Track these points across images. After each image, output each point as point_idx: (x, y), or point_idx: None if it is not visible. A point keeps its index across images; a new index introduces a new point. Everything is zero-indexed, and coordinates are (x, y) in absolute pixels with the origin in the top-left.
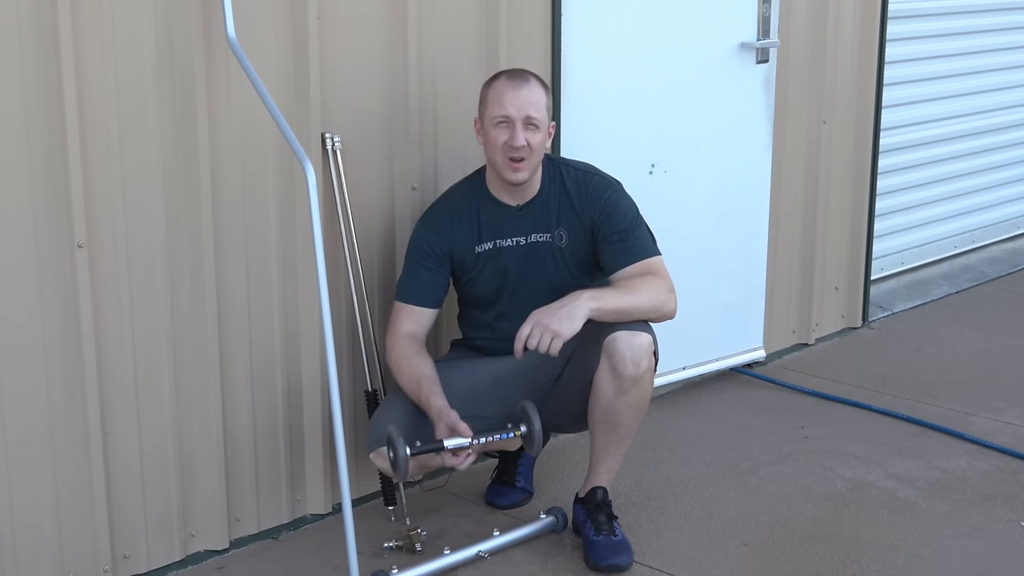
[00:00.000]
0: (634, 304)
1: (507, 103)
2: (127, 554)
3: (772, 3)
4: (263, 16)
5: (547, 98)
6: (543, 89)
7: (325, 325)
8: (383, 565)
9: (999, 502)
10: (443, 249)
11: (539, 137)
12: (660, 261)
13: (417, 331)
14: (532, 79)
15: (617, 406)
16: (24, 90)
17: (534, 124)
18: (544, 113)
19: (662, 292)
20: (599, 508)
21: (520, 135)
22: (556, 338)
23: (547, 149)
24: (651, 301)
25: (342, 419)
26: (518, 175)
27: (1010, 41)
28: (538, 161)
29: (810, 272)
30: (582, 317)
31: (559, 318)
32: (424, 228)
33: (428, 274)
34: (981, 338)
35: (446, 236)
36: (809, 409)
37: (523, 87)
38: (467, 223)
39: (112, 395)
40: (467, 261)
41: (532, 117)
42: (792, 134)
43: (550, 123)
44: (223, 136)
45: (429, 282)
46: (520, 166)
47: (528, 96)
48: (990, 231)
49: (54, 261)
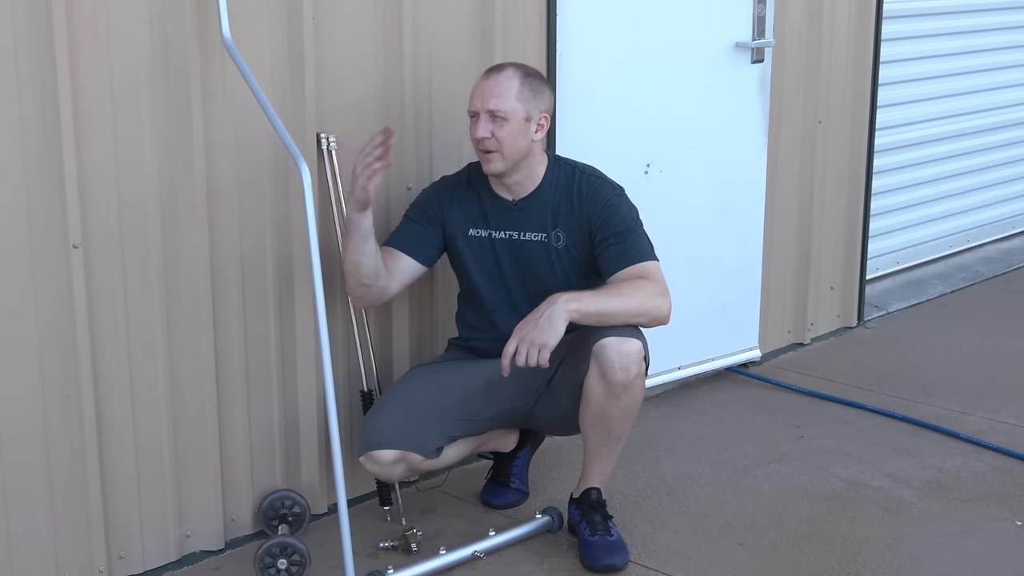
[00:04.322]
0: (619, 307)
1: (475, 96)
2: (122, 554)
3: (767, 3)
4: (258, 16)
5: (526, 88)
6: (520, 79)
7: (320, 324)
8: (379, 565)
9: (994, 501)
10: (438, 213)
11: (507, 129)
12: (656, 266)
13: (390, 266)
14: (508, 69)
15: (608, 411)
16: (19, 90)
17: (499, 116)
18: (513, 104)
19: (652, 295)
20: (594, 508)
21: (480, 127)
22: (543, 349)
23: (533, 140)
24: (639, 304)
25: (338, 419)
26: (489, 166)
27: (1005, 41)
28: (516, 153)
29: (805, 272)
30: (563, 321)
31: (540, 328)
32: (426, 192)
33: (418, 228)
34: (976, 337)
35: (444, 204)
36: (805, 409)
37: (491, 78)
38: (467, 203)
39: (107, 396)
40: (459, 239)
41: (494, 110)
42: (787, 134)
43: (539, 114)
44: (218, 136)
45: (416, 234)
46: (490, 158)
47: (494, 87)
48: (985, 230)
49: (49, 261)
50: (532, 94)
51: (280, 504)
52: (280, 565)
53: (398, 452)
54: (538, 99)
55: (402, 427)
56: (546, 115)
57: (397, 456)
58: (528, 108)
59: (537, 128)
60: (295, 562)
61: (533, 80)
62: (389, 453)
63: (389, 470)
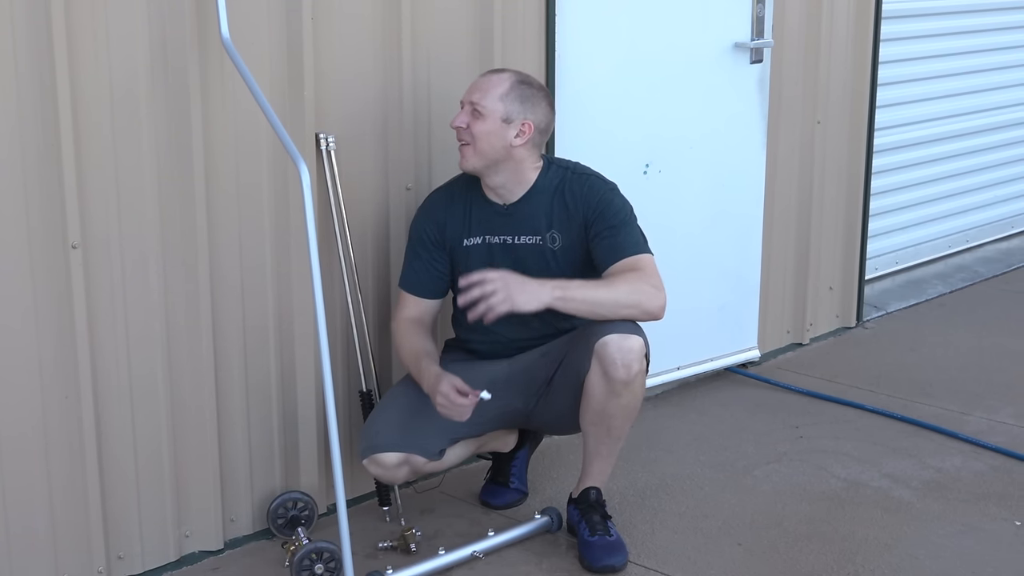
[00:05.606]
0: (608, 297)
1: (468, 88)
2: (121, 555)
3: (766, 3)
4: (257, 16)
5: (514, 92)
6: (511, 83)
7: (320, 325)
8: (378, 565)
9: (993, 501)
10: (438, 237)
11: (482, 126)
12: (650, 259)
13: (421, 317)
14: (505, 72)
15: (609, 409)
16: (18, 90)
17: (478, 111)
18: (494, 102)
19: (644, 288)
20: (593, 508)
21: (459, 117)
22: (505, 304)
23: (512, 145)
24: (629, 296)
25: (337, 419)
26: (462, 161)
27: (1004, 41)
28: (489, 151)
29: (804, 272)
30: (542, 302)
31: (523, 291)
32: (421, 215)
33: (426, 265)
34: (975, 337)
35: (440, 224)
36: (804, 409)
37: (486, 75)
38: (460, 214)
39: (106, 396)
40: (457, 252)
41: (475, 103)
42: (786, 134)
43: (522, 121)
44: (217, 136)
45: (427, 273)
46: (463, 151)
47: (484, 83)
48: (984, 231)
49: (48, 262)
50: (520, 100)
51: (292, 504)
52: (317, 570)
53: (402, 455)
54: (525, 106)
55: (405, 430)
56: (531, 124)
57: (401, 459)
58: (509, 110)
59: (518, 133)
60: (331, 569)
61: (527, 88)
62: (393, 456)
63: (393, 473)
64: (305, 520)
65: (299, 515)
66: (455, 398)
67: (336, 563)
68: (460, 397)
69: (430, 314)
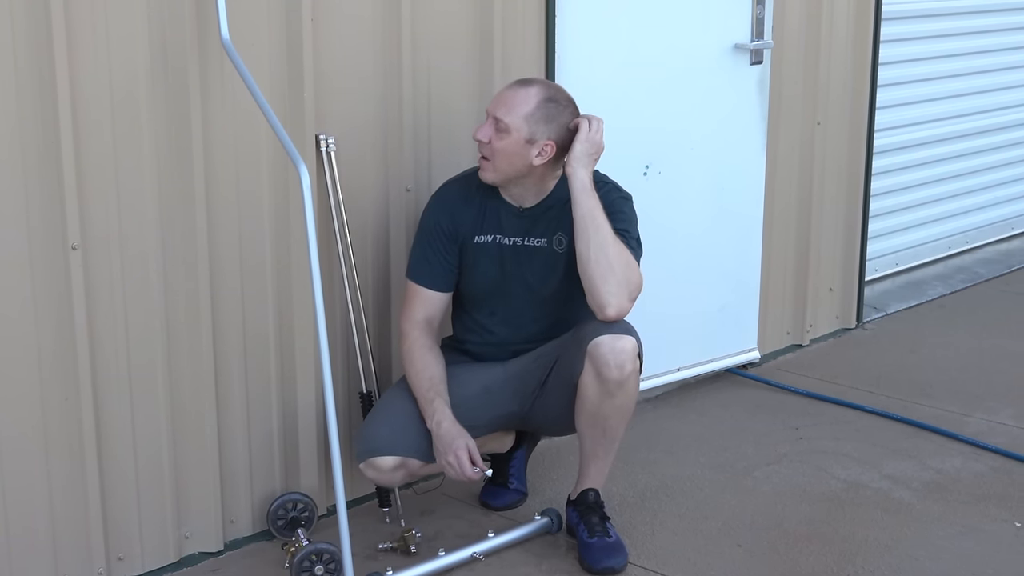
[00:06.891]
0: (614, 247)
1: (493, 100)
2: (121, 556)
3: (766, 4)
4: (257, 17)
5: (540, 111)
6: (539, 101)
7: (319, 326)
8: (378, 566)
9: (993, 502)
10: (451, 229)
11: (504, 142)
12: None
13: (432, 316)
14: (534, 87)
15: (603, 410)
16: (17, 91)
17: (501, 127)
18: (519, 121)
19: (633, 277)
20: (591, 509)
21: (482, 129)
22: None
23: (532, 164)
24: (623, 267)
25: (337, 421)
26: (482, 173)
27: (1005, 42)
28: (508, 169)
29: (804, 273)
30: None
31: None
32: (435, 205)
33: (439, 256)
34: (975, 339)
35: (454, 217)
36: (803, 410)
37: (514, 88)
38: (475, 210)
39: (106, 397)
40: (468, 247)
41: (500, 119)
42: (786, 135)
43: (545, 140)
44: (217, 138)
45: (440, 264)
46: (483, 164)
47: (511, 98)
48: (984, 232)
49: (48, 263)
50: (545, 119)
51: (292, 505)
52: (317, 572)
53: (398, 458)
54: (550, 126)
55: (401, 433)
56: (553, 144)
57: (397, 462)
58: (534, 131)
59: (539, 153)
60: (331, 570)
61: (553, 107)
62: (389, 460)
63: (389, 476)
64: (305, 521)
65: (299, 516)
66: (467, 468)
67: (336, 564)
68: (471, 467)
69: (439, 313)
